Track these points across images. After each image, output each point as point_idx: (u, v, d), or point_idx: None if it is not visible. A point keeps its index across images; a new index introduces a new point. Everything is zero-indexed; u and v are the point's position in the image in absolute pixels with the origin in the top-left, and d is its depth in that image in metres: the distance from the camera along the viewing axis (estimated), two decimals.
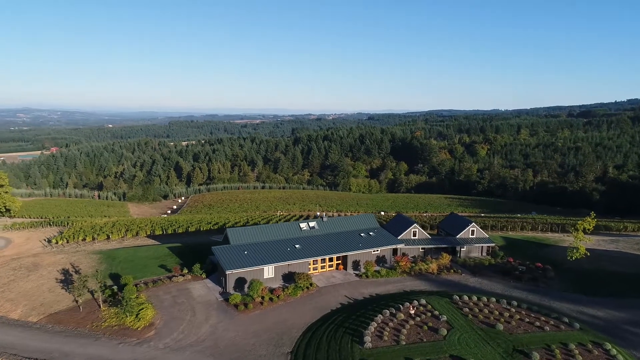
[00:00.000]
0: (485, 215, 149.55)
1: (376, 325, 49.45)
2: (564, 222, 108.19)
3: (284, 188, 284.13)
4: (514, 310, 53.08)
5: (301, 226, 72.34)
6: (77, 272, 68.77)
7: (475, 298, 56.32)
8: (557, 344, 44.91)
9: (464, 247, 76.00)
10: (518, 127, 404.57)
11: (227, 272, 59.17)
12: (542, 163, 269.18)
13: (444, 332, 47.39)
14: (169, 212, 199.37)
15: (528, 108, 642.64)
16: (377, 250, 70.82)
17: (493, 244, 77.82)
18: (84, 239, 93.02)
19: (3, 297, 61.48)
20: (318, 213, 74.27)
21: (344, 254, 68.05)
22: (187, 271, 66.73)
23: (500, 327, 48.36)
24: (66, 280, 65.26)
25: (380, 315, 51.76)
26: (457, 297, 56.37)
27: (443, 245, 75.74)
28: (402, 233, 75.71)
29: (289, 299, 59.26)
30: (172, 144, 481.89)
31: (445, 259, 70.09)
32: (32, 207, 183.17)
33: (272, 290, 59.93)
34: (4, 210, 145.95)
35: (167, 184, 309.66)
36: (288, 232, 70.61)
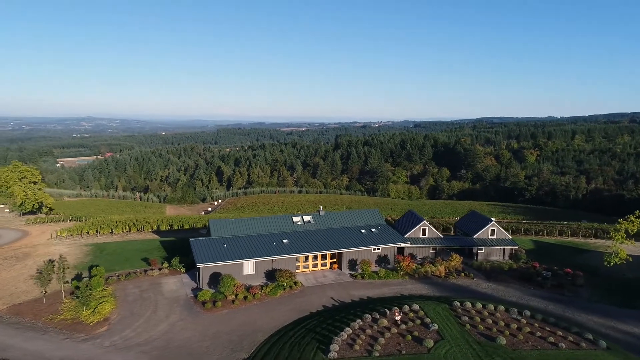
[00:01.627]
0: (526, 221, 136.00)
1: (351, 332, 41.67)
2: (610, 228, 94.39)
3: (320, 193, 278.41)
4: (524, 321, 43.50)
5: (294, 220, 65.42)
6: (59, 263, 65.54)
7: (480, 305, 47.09)
8: None
9: (482, 249, 66.17)
10: (573, 133, 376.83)
11: (199, 266, 53.26)
12: (597, 170, 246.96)
13: (430, 343, 38.91)
14: (203, 213, 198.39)
15: (586, 115, 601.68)
16: (378, 249, 62.58)
17: (516, 246, 67.30)
18: (87, 232, 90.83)
19: None
20: (321, 207, 66.75)
21: (338, 251, 60.41)
22: (167, 265, 61.60)
23: (503, 341, 39.20)
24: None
25: (359, 320, 43.86)
26: (458, 304, 47.40)
27: (456, 246, 66.28)
28: (409, 231, 66.98)
29: (266, 299, 52.42)
30: (216, 149, 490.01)
31: (455, 260, 60.79)
32: (73, 206, 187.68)
33: (249, 288, 53.36)
34: (38, 206, 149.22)
35: (207, 188, 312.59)
36: (278, 226, 63.92)
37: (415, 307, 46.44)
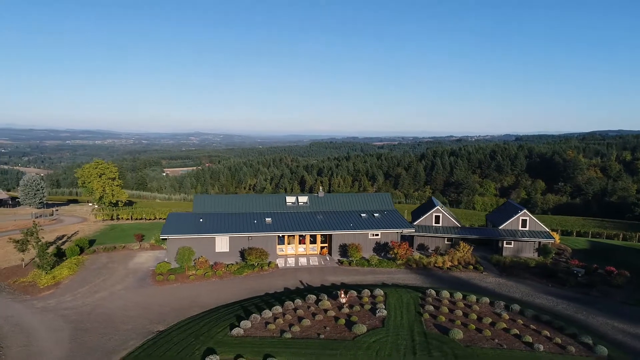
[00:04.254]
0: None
1: (280, 311, 34.73)
2: None
3: (399, 202, 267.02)
4: (507, 316, 32.93)
5: (287, 200, 59.33)
6: (69, 238, 66.60)
7: (460, 296, 37.13)
8: None
9: (510, 244, 54.22)
10: None
11: (163, 238, 49.59)
12: None
13: (362, 330, 30.62)
14: None
15: None
16: (377, 235, 53.97)
17: (551, 240, 53.92)
18: (117, 217, 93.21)
19: None
20: (321, 188, 60.29)
21: (324, 232, 53.03)
22: (153, 241, 59.13)
23: (459, 334, 29.54)
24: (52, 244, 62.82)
25: (299, 300, 36.66)
26: (434, 292, 37.92)
27: (473, 236, 55.06)
28: (420, 218, 57.31)
29: (228, 277, 46.98)
30: (302, 160, 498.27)
31: (463, 251, 50.13)
32: (154, 205, 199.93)
33: (214, 265, 48.41)
34: (115, 201, 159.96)
35: None
36: (268, 206, 58.28)
37: (378, 292, 37.91)
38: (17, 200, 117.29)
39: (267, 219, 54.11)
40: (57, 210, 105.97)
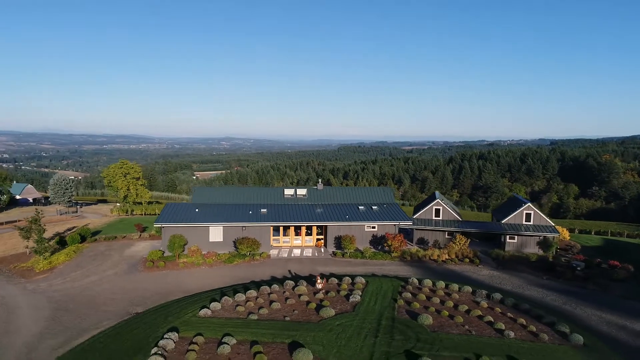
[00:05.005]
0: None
1: (254, 294, 34.35)
2: None
3: None
4: (485, 305, 31.42)
5: (286, 192, 58.92)
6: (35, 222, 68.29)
7: (442, 285, 35.73)
8: (496, 357, 23.55)
9: (513, 238, 51.96)
10: None
11: (156, 226, 50.07)
12: None
13: (330, 313, 29.89)
14: None
15: None
16: (374, 227, 52.81)
17: (556, 234, 51.22)
18: (132, 212, 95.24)
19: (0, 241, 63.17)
20: (319, 181, 59.72)
21: (318, 223, 52.30)
22: (154, 231, 59.84)
23: (427, 320, 28.34)
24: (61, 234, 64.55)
25: (276, 286, 36.18)
26: (416, 281, 36.64)
27: (473, 230, 53.06)
28: (420, 211, 55.75)
29: (218, 265, 46.91)
30: (329, 164, 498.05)
31: (460, 242, 48.35)
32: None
33: (205, 255, 48.46)
34: (139, 201, 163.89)
35: None
36: (266, 198, 58.00)
37: (359, 280, 36.99)
38: (48, 199, 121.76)
39: (262, 210, 53.87)
40: (81, 207, 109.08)
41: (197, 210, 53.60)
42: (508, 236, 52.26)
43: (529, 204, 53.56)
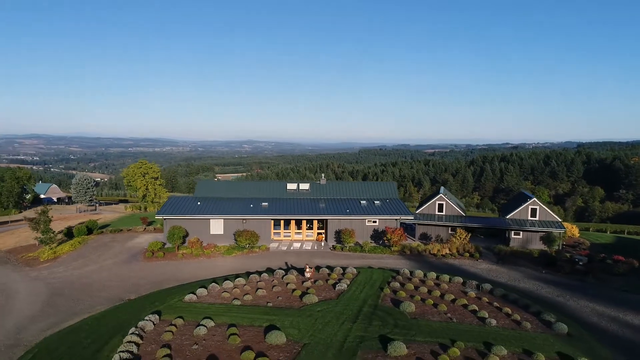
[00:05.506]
0: None
1: (243, 283, 34.51)
2: None
3: None
4: (473, 295, 30.82)
5: (288, 186, 59.03)
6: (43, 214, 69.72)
7: (433, 275, 35.20)
8: (472, 343, 23.01)
9: (518, 234, 50.77)
10: None
11: (158, 218, 50.80)
12: None
13: (313, 300, 29.78)
14: None
15: None
16: (374, 222, 52.35)
17: (562, 230, 49.70)
18: (145, 209, 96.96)
19: (14, 235, 65.14)
20: (322, 176, 59.68)
21: (318, 217, 52.14)
22: (159, 225, 60.76)
23: (410, 308, 27.98)
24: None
25: (266, 275, 36.26)
26: (407, 272, 36.16)
27: (476, 225, 52.03)
28: (423, 206, 55.02)
29: (217, 256, 47.29)
30: (349, 166, 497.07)
31: (460, 236, 47.46)
32: None
33: (204, 246, 48.90)
34: (158, 200, 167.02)
35: None
36: (268, 192, 58.22)
37: (350, 270, 36.73)
38: (71, 198, 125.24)
39: (263, 204, 54.08)
40: (100, 206, 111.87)
41: (198, 203, 54.19)
42: (513, 232, 51.15)
43: (534, 198, 52.27)
